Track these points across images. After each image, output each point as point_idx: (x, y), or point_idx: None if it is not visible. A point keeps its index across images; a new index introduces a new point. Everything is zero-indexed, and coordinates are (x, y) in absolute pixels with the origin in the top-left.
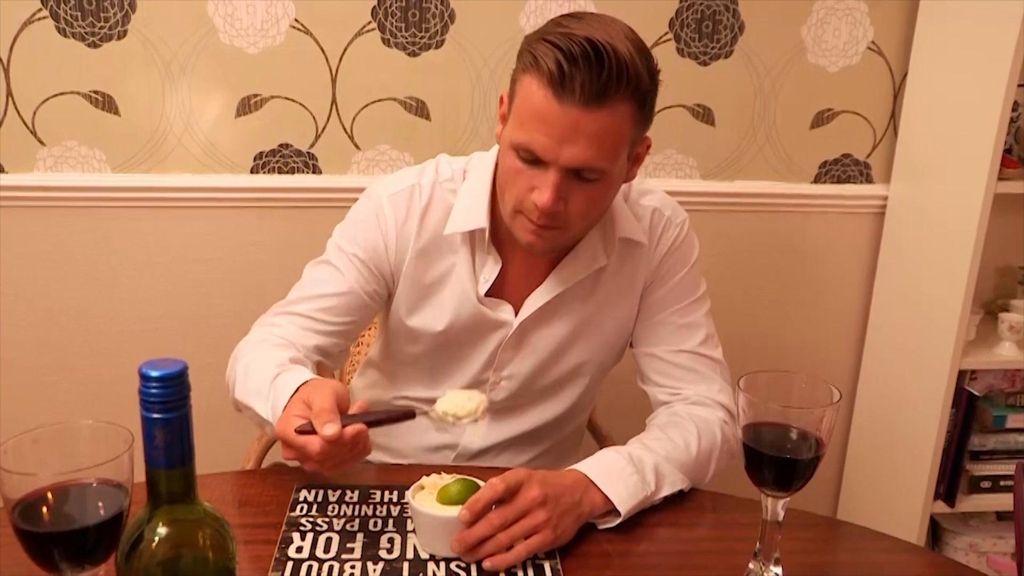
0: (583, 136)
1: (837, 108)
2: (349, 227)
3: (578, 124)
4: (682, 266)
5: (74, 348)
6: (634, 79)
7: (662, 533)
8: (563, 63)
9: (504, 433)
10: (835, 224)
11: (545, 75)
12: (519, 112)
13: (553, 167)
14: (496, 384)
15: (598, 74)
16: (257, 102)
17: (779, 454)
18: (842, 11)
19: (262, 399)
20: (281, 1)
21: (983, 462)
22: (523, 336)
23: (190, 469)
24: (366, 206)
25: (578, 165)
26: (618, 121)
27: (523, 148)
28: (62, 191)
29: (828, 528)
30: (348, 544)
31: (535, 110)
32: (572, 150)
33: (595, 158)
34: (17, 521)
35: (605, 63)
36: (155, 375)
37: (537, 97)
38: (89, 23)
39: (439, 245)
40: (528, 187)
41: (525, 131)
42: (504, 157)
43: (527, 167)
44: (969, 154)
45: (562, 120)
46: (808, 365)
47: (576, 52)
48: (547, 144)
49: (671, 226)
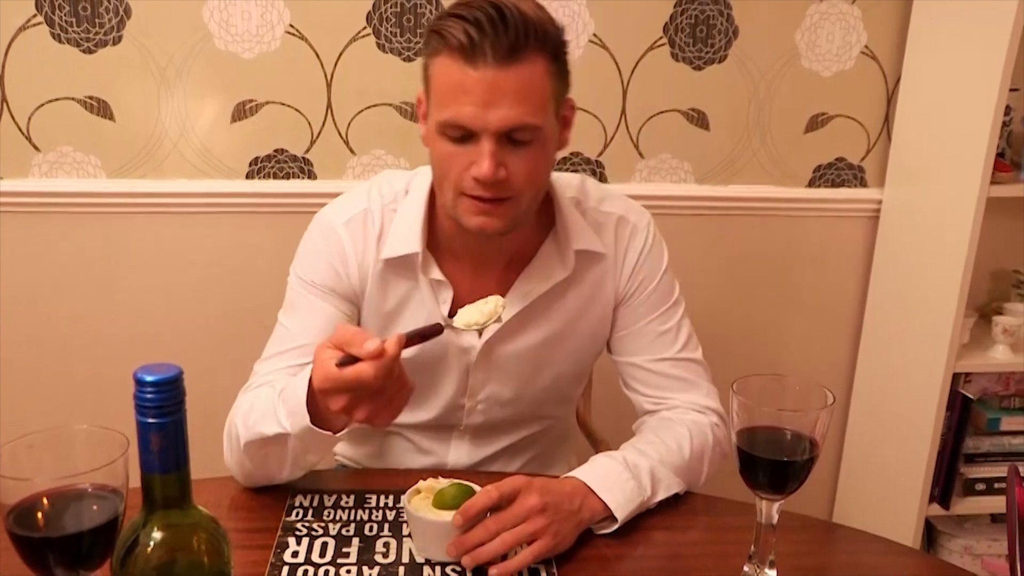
0: (506, 95)
1: (831, 112)
2: (308, 261)
3: (497, 84)
4: (655, 273)
5: (70, 353)
6: (542, 32)
7: (657, 537)
8: (470, 31)
9: (488, 449)
10: (829, 228)
11: (456, 48)
12: (438, 94)
13: (485, 136)
14: (473, 409)
15: (505, 32)
16: (252, 107)
17: (773, 457)
18: (836, 16)
19: (270, 417)
20: (276, 7)
21: (977, 465)
22: (490, 358)
23: (185, 474)
24: (322, 236)
25: (509, 125)
26: (535, 74)
27: (450, 125)
28: (57, 197)
29: (823, 531)
30: (344, 549)
31: (453, 84)
32: (499, 111)
33: (523, 114)
34: (12, 526)
35: (510, 20)
36: (150, 380)
37: (452, 71)
38: (84, 29)
39: (396, 269)
40: (465, 166)
41: (448, 107)
42: (435, 147)
43: (459, 146)
44: (962, 158)
45: (481, 84)
46: (803, 368)
47: (480, 17)
48: (472, 112)
49: (637, 233)
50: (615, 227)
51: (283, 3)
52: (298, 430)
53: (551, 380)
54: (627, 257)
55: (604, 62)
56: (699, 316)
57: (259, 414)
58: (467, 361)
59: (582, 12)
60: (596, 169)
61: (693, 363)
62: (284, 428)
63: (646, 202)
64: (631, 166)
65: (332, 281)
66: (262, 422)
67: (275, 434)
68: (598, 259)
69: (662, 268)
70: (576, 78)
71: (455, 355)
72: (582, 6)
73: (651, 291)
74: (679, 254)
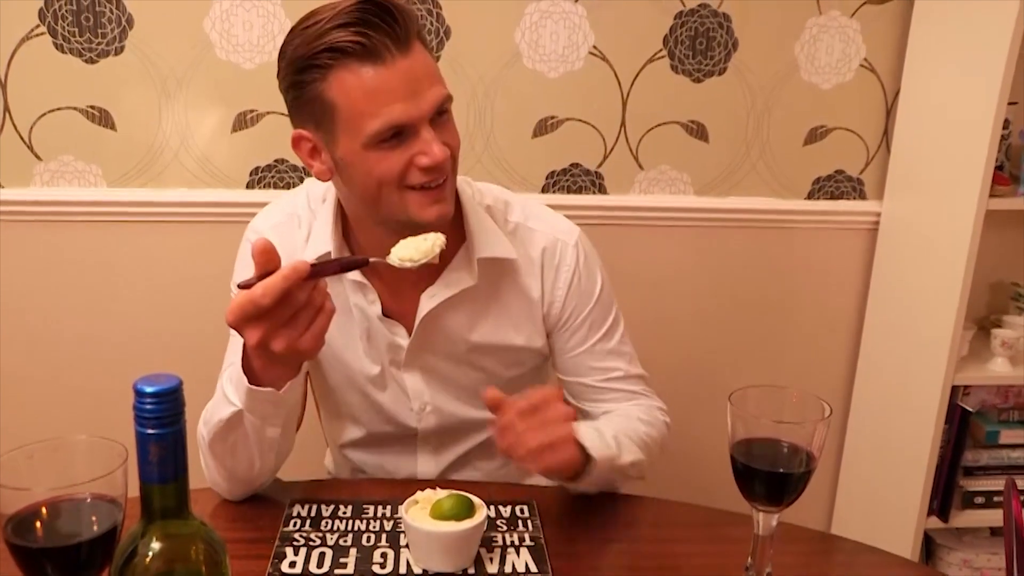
0: (421, 78)
1: (830, 125)
2: (244, 268)
3: (411, 71)
4: (588, 298)
5: (69, 362)
6: (409, 12)
7: (655, 548)
8: (364, 32)
9: (453, 453)
10: (828, 240)
11: (356, 54)
12: (351, 110)
13: (420, 124)
14: (422, 412)
15: (394, 20)
16: (253, 117)
17: (770, 469)
18: (835, 29)
19: (221, 403)
20: (277, 17)
21: (976, 478)
22: (421, 362)
23: (184, 484)
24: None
25: (437, 104)
26: (423, 49)
27: (387, 129)
28: (58, 206)
29: (821, 542)
30: (341, 559)
31: (369, 91)
32: (425, 96)
33: (441, 87)
34: (10, 536)
35: (390, 9)
36: (150, 391)
37: (364, 79)
38: (87, 39)
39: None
40: (405, 163)
41: (376, 116)
42: (362, 165)
43: (394, 149)
44: (961, 171)
45: (398, 76)
46: (801, 380)
47: (362, 17)
48: (403, 107)
49: (566, 256)
50: (541, 249)
51: (284, 13)
52: (244, 398)
53: (486, 383)
54: (557, 282)
55: (604, 74)
56: (697, 328)
57: (213, 406)
58: (398, 360)
59: (582, 24)
60: (595, 180)
61: (638, 379)
62: (235, 405)
63: (645, 213)
64: (630, 177)
65: None
66: (217, 411)
67: (230, 415)
68: (509, 265)
69: (596, 289)
70: (576, 90)
71: (393, 352)
72: (582, 18)
73: (587, 314)
74: (677, 265)
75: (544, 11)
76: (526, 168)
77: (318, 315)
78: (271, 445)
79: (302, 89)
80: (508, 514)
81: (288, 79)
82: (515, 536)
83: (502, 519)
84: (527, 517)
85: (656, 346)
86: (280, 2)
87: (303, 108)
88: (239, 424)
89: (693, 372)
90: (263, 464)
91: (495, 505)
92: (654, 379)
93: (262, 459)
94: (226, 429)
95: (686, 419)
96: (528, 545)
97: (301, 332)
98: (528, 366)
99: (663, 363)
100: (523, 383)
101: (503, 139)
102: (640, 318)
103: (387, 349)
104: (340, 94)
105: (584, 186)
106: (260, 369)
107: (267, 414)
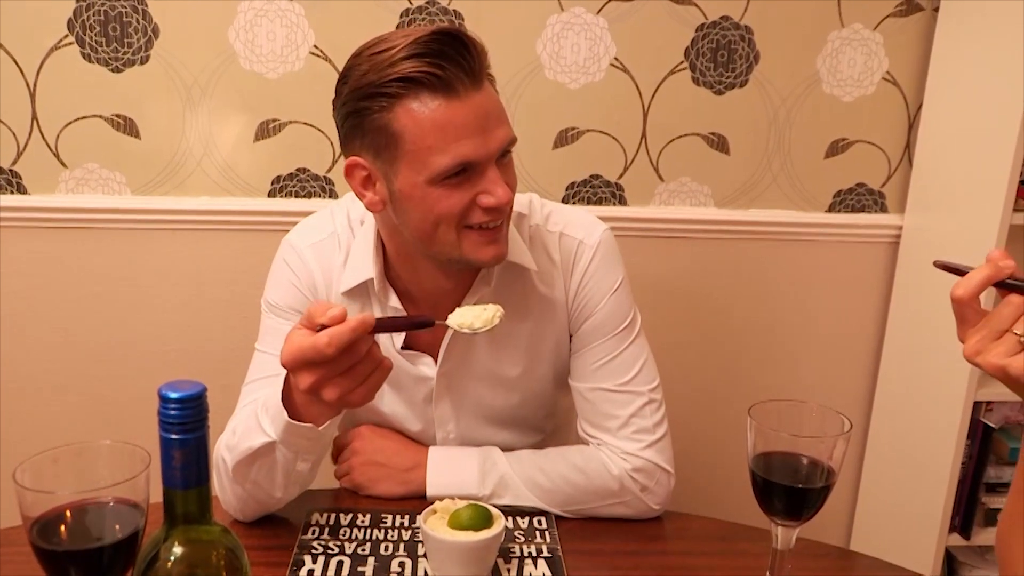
0: (491, 116)
1: (852, 138)
2: (280, 287)
3: (483, 107)
4: (600, 295)
5: (93, 369)
6: (481, 47)
7: (673, 561)
8: (439, 63)
9: None
10: (849, 253)
11: (428, 87)
12: (418, 143)
13: (487, 163)
14: (445, 439)
15: (468, 53)
16: (276, 127)
17: (789, 483)
18: (857, 42)
19: (254, 431)
20: (301, 28)
21: (999, 495)
22: (451, 388)
23: (206, 490)
24: (290, 260)
25: (504, 144)
26: (494, 89)
27: (456, 166)
28: (83, 213)
29: (840, 558)
30: (359, 568)
31: (441, 124)
32: (495, 134)
33: (509, 129)
34: (35, 539)
35: (465, 42)
36: (174, 396)
37: (435, 112)
38: (113, 48)
39: (357, 297)
40: (467, 202)
41: (445, 151)
42: (423, 201)
43: (458, 185)
44: (984, 184)
45: (470, 112)
46: (821, 394)
47: (437, 48)
48: (473, 144)
49: (582, 250)
50: (559, 245)
51: (308, 24)
52: (281, 431)
53: (518, 402)
54: (572, 276)
55: (625, 86)
56: (716, 340)
57: (243, 432)
58: (428, 390)
59: (604, 36)
60: (616, 192)
61: (636, 395)
62: (269, 436)
63: (665, 225)
64: (651, 189)
65: (302, 306)
66: (247, 438)
67: (262, 444)
68: (528, 275)
69: (611, 287)
70: (597, 101)
71: (414, 383)
72: (604, 30)
73: (598, 313)
74: (697, 278)
75: (566, 23)
76: (546, 179)
77: (376, 370)
78: (298, 478)
79: (365, 117)
80: (526, 525)
81: (350, 105)
82: (533, 547)
83: (520, 530)
84: (545, 528)
85: (675, 358)
86: (304, 13)
87: (363, 136)
88: (269, 454)
89: (712, 384)
90: (285, 494)
91: (513, 516)
92: (671, 391)
93: (286, 490)
94: (254, 457)
95: (705, 432)
96: (546, 556)
97: (357, 384)
98: (550, 385)
99: (682, 375)
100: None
101: (523, 150)
102: (660, 330)
103: (413, 384)
104: (408, 125)
105: (604, 198)
106: (302, 405)
107: (302, 448)
